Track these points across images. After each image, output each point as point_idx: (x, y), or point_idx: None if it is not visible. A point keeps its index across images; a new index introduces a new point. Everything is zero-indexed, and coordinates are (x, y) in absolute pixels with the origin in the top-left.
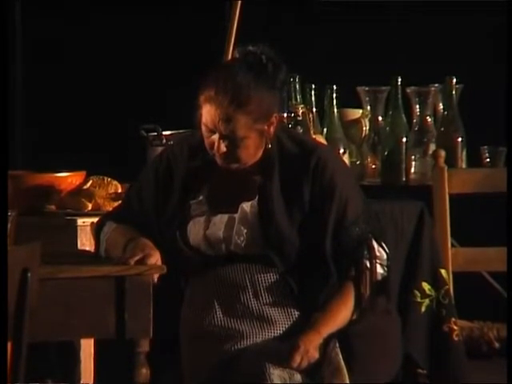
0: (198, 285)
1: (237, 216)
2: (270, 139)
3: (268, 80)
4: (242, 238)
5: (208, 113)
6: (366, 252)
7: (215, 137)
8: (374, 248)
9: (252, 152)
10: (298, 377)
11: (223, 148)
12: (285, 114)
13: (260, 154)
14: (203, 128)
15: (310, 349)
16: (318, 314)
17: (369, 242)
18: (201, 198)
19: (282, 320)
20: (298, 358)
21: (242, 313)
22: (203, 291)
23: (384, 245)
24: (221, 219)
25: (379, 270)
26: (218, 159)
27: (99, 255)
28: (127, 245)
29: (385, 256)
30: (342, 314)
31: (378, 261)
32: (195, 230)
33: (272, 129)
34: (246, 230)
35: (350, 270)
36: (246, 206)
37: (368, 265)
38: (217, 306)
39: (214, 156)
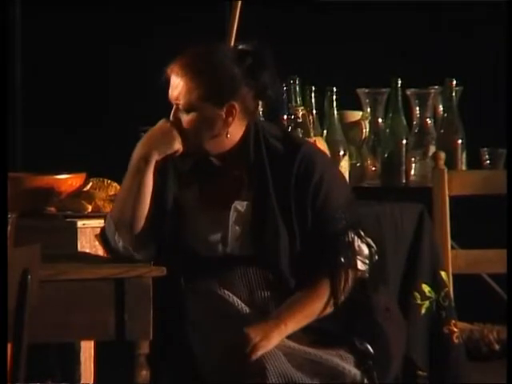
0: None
1: (230, 215)
2: (227, 132)
3: (236, 66)
4: (236, 239)
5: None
6: (343, 247)
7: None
8: (353, 243)
9: (204, 135)
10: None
11: (175, 114)
12: (285, 116)
13: (225, 145)
14: None
15: (257, 337)
16: (284, 305)
17: (347, 237)
18: (194, 197)
19: None
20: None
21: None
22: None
23: (370, 241)
24: (216, 219)
25: (360, 266)
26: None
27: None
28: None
29: (366, 252)
30: (312, 305)
31: (358, 257)
32: (191, 231)
33: (230, 120)
34: (240, 230)
35: (325, 264)
36: (240, 206)
37: (342, 260)
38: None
39: None
